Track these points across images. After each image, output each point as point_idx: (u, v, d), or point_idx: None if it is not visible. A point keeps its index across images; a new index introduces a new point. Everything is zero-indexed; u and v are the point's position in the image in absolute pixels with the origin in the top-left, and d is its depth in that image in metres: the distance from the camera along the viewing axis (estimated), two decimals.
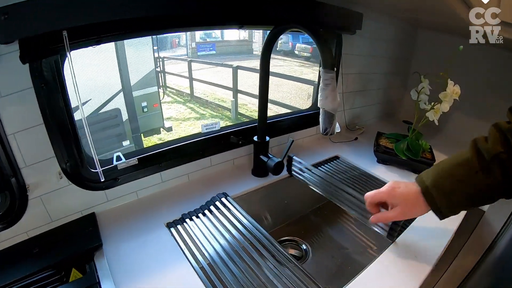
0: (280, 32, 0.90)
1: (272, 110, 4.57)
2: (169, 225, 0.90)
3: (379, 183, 1.14)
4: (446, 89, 1.04)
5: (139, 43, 3.28)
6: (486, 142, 0.64)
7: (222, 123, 1.10)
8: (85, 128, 0.83)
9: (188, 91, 5.26)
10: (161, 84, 5.40)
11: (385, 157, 1.25)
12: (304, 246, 1.10)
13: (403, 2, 1.17)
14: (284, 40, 7.35)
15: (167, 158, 1.01)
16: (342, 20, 1.20)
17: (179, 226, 0.89)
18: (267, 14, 0.93)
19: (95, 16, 0.65)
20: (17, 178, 0.79)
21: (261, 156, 1.06)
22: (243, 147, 1.16)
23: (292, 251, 1.08)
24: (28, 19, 0.57)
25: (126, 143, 2.92)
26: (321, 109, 0.81)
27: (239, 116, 4.65)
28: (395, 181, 0.76)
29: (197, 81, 5.32)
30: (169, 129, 3.93)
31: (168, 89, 5.40)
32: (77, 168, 0.87)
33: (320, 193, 1.02)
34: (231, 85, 4.84)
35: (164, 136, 3.75)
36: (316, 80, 1.41)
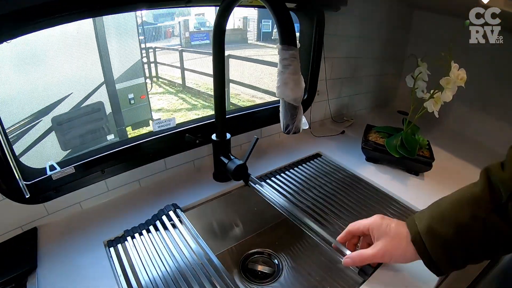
0: (232, 3, 0.73)
1: (266, 100, 4.44)
2: (109, 244, 0.75)
3: (367, 187, 0.98)
4: (450, 74, 0.86)
5: (123, 33, 3.16)
6: (503, 171, 0.48)
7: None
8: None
9: (180, 82, 5.14)
10: (153, 75, 5.30)
11: (375, 154, 1.08)
12: (276, 261, 0.95)
13: None
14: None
15: (110, 164, 0.85)
16: None
17: (119, 246, 0.74)
18: None
19: None
20: None
21: (222, 158, 0.89)
22: (206, 145, 1.00)
23: (261, 267, 0.92)
24: None
25: (110, 137, 2.84)
26: (280, 101, 0.64)
27: (231, 106, 4.53)
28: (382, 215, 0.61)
29: (189, 71, 5.19)
30: None
31: (160, 79, 5.29)
32: (7, 182, 0.74)
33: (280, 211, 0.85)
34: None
35: None
36: None
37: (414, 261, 0.55)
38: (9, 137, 0.72)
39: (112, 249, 0.74)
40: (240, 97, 4.73)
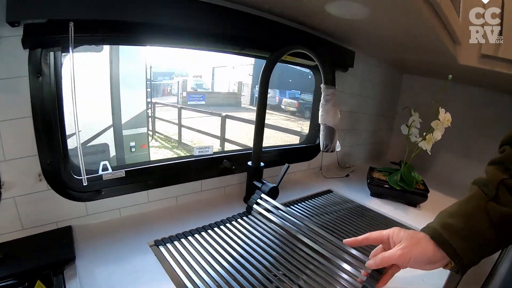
0: (281, 55, 0.94)
1: None
2: (156, 243, 0.83)
3: (375, 215, 1.13)
4: (438, 117, 1.08)
5: (133, 83, 3.33)
6: (485, 177, 0.62)
7: None
8: (75, 127, 0.76)
9: (176, 138, 5.34)
10: (150, 129, 5.45)
11: (379, 189, 1.25)
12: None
13: (390, 42, 1.23)
14: (272, 95, 7.73)
15: (155, 176, 0.97)
16: (337, 56, 1.25)
17: (164, 246, 0.82)
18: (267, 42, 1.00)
19: (102, 12, 0.66)
20: None
21: (255, 182, 1.03)
22: (235, 175, 1.15)
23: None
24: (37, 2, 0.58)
25: None
26: (321, 126, 0.82)
27: None
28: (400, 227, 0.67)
29: (186, 128, 5.43)
30: None
31: (157, 134, 5.46)
32: (59, 172, 0.81)
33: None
34: (218, 134, 4.98)
35: None
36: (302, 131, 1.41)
37: (433, 262, 0.59)
38: None
39: (161, 247, 0.81)
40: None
